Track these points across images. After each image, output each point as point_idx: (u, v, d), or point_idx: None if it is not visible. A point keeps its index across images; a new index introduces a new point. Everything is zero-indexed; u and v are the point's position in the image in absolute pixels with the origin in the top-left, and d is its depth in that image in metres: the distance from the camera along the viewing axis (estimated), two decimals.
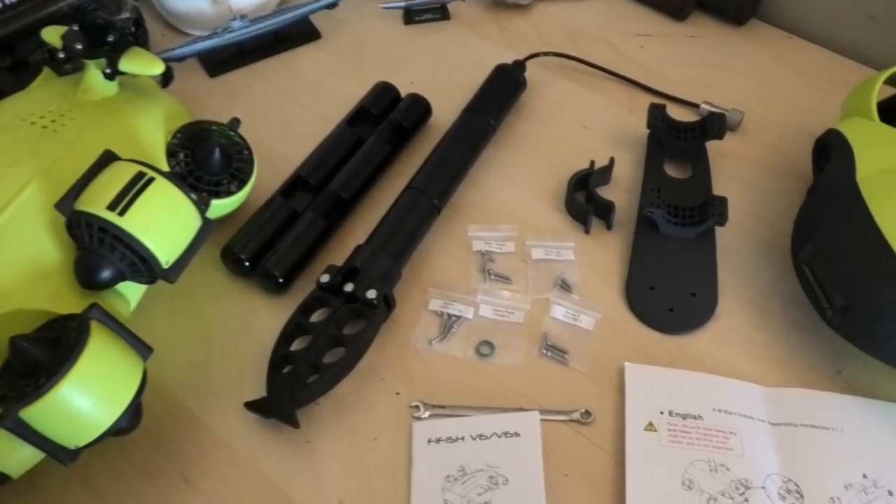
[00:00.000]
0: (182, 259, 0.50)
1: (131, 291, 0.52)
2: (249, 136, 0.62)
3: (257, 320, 0.58)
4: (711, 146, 0.68)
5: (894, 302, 0.49)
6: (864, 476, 0.51)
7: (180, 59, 0.70)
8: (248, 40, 0.74)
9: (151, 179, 0.48)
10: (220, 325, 0.58)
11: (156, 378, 0.55)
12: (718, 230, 0.63)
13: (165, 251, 0.48)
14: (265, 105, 0.72)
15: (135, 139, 0.55)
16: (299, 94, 0.73)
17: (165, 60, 0.69)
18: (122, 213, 0.46)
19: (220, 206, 0.58)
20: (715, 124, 0.65)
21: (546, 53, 0.74)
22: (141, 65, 0.55)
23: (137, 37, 0.54)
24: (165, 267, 0.49)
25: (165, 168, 0.55)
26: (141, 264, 0.48)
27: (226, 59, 0.74)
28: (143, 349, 0.48)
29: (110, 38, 0.54)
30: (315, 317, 0.57)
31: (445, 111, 0.70)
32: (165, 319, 0.58)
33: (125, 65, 0.55)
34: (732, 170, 0.68)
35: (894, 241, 0.50)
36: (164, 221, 0.48)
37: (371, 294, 0.55)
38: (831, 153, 0.59)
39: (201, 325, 0.58)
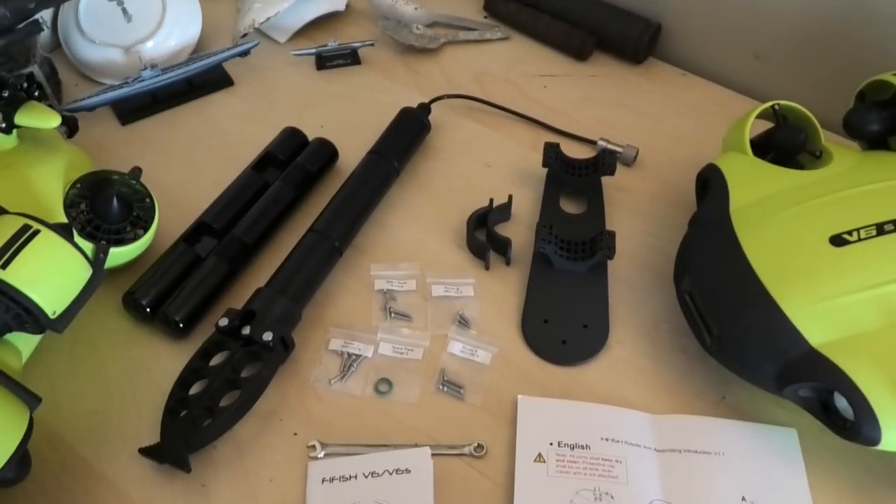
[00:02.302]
0: (70, 309, 0.50)
1: (22, 342, 0.53)
2: (159, 182, 0.63)
3: (159, 366, 0.59)
4: (609, 181, 0.71)
5: (761, 328, 0.52)
6: (743, 498, 0.53)
7: (91, 108, 0.72)
8: (161, 88, 0.75)
9: (37, 232, 0.49)
10: (120, 372, 0.59)
11: (52, 427, 0.55)
12: (612, 262, 0.65)
13: (51, 302, 0.49)
14: (176, 152, 0.74)
15: (30, 191, 0.56)
16: (210, 141, 0.75)
17: (75, 110, 0.72)
18: (4, 266, 0.47)
19: (120, 254, 0.59)
20: (606, 160, 0.68)
21: (450, 96, 0.76)
22: (36, 118, 0.57)
23: (30, 93, 0.56)
24: (52, 317, 0.49)
25: (62, 218, 0.56)
26: (27, 315, 0.49)
27: (138, 107, 0.75)
28: (30, 399, 0.48)
29: (5, 94, 0.56)
30: (215, 360, 0.58)
31: (354, 154, 0.72)
32: (64, 367, 0.59)
33: (21, 118, 0.56)
34: (628, 203, 0.71)
35: (761, 270, 0.53)
36: (50, 273, 0.49)
37: (267, 336, 0.56)
38: (709, 186, 0.62)
39: (101, 372, 0.59)
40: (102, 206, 0.58)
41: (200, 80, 0.78)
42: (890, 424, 0.48)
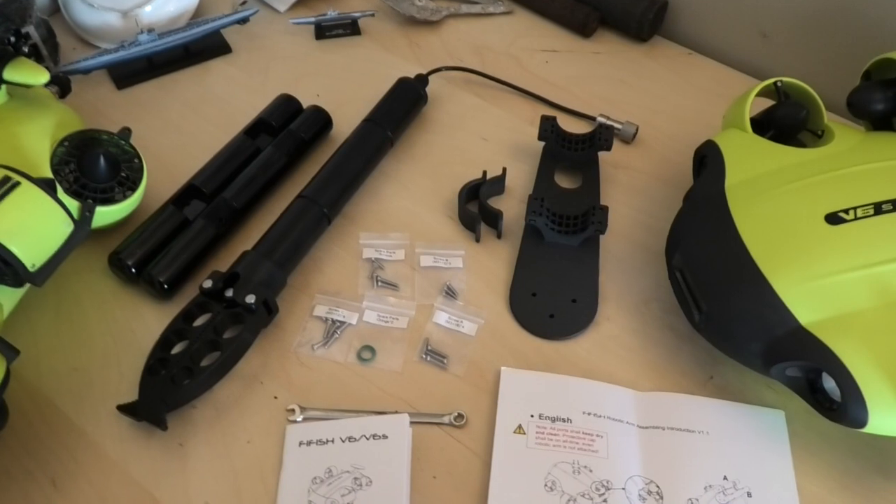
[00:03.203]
0: (50, 263, 0.50)
1: (5, 296, 0.53)
2: (152, 146, 0.63)
3: (142, 326, 0.59)
4: (607, 158, 0.70)
5: (750, 305, 0.51)
6: (725, 478, 0.52)
7: (86, 71, 0.72)
8: (158, 53, 0.75)
9: (17, 184, 0.49)
10: (103, 331, 0.59)
11: (33, 382, 0.55)
12: (605, 238, 0.64)
13: (30, 254, 0.49)
14: (171, 117, 0.73)
15: (17, 146, 0.55)
16: (205, 107, 0.74)
17: (70, 73, 0.71)
18: None
19: (107, 213, 0.59)
20: (603, 136, 0.67)
21: (449, 68, 0.75)
22: (25, 74, 0.56)
23: (18, 48, 0.55)
24: (32, 270, 0.49)
25: (48, 175, 0.56)
26: (5, 267, 0.49)
27: (134, 71, 0.75)
28: (8, 351, 0.48)
29: None
30: (198, 322, 0.57)
31: (349, 123, 0.71)
32: (48, 324, 0.59)
33: (9, 74, 0.56)
34: (624, 180, 0.69)
35: (753, 247, 0.52)
36: (29, 225, 0.49)
37: (250, 299, 0.56)
38: (706, 163, 0.60)
39: (85, 330, 0.59)
40: (89, 165, 0.58)
41: (198, 47, 0.77)
42: (877, 406, 0.46)
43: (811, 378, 0.51)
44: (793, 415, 0.55)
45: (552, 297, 0.61)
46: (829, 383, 0.50)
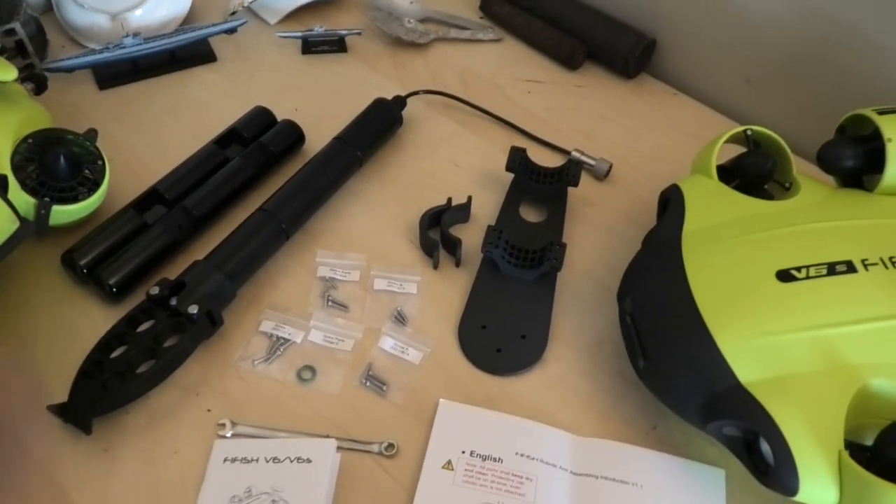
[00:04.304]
0: None
1: None
2: (125, 149, 0.63)
3: (88, 328, 0.59)
4: (578, 194, 0.69)
5: (690, 357, 0.50)
6: None
7: (69, 69, 0.72)
8: (143, 57, 0.76)
9: None
10: (49, 329, 0.59)
11: None
12: (564, 275, 0.63)
13: None
14: (148, 121, 0.74)
15: None
16: (184, 113, 0.75)
17: (54, 70, 0.72)
18: None
19: (65, 212, 0.59)
20: (571, 171, 0.66)
21: (428, 91, 0.75)
22: None
23: None
24: None
25: (6, 171, 0.56)
26: None
27: (117, 73, 0.76)
28: None
29: None
30: (143, 328, 0.57)
31: (324, 139, 0.71)
32: None
33: None
34: (593, 216, 0.68)
35: (700, 297, 0.51)
36: None
37: (193, 309, 0.55)
38: (669, 206, 0.59)
39: (30, 326, 0.59)
40: (50, 163, 0.58)
41: (184, 53, 0.78)
42: (809, 474, 0.45)
43: (749, 438, 0.49)
44: (734, 474, 0.53)
45: (502, 331, 0.60)
46: (766, 446, 0.48)
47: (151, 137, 0.72)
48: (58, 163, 0.58)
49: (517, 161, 0.67)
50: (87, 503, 0.50)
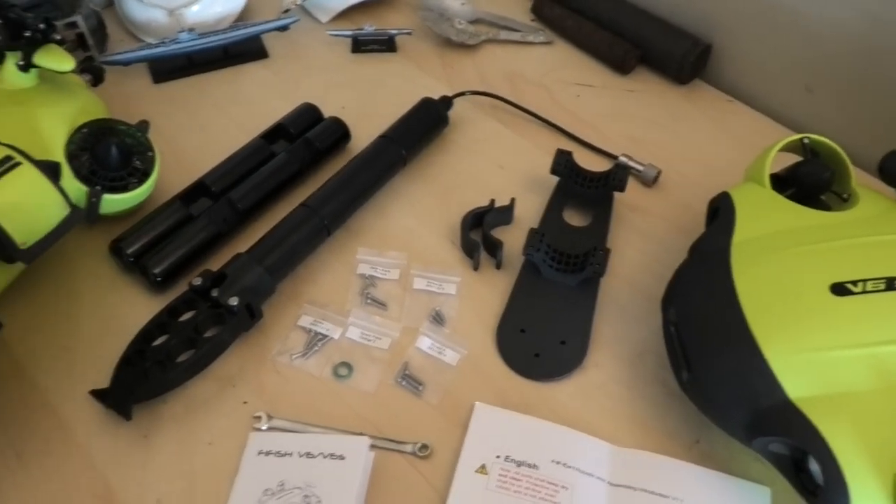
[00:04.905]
0: (41, 243, 0.52)
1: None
2: (174, 142, 0.64)
3: (133, 315, 0.59)
4: (623, 199, 0.68)
5: (737, 370, 0.48)
6: None
7: (126, 63, 0.74)
8: (198, 53, 0.77)
9: (17, 164, 0.50)
10: (95, 315, 0.60)
11: (18, 356, 0.57)
12: (607, 282, 0.62)
13: (21, 233, 0.50)
14: (199, 115, 0.75)
15: (34, 128, 0.58)
16: (234, 109, 0.76)
17: (111, 63, 0.74)
18: None
19: (115, 201, 0.60)
20: (618, 176, 0.65)
21: (474, 92, 0.75)
22: (51, 60, 0.58)
23: (46, 35, 0.58)
24: (22, 248, 0.51)
25: (60, 158, 0.58)
26: None
27: (172, 68, 0.77)
28: None
29: (27, 34, 0.58)
30: (184, 318, 0.58)
31: (369, 137, 0.71)
32: (47, 303, 0.60)
33: (39, 59, 0.58)
34: (638, 223, 0.67)
35: (748, 309, 0.49)
36: (24, 205, 0.50)
37: (233, 301, 0.56)
38: (718, 215, 0.57)
39: (77, 312, 0.60)
40: (102, 153, 0.59)
41: (237, 49, 0.79)
42: (861, 496, 0.42)
43: (798, 457, 0.47)
44: (779, 493, 0.51)
45: (541, 335, 0.59)
46: (815, 465, 0.46)
47: (200, 131, 0.74)
48: (109, 152, 0.59)
49: (563, 164, 0.66)
50: (122, 488, 0.51)
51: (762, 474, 0.52)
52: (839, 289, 0.48)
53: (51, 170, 0.52)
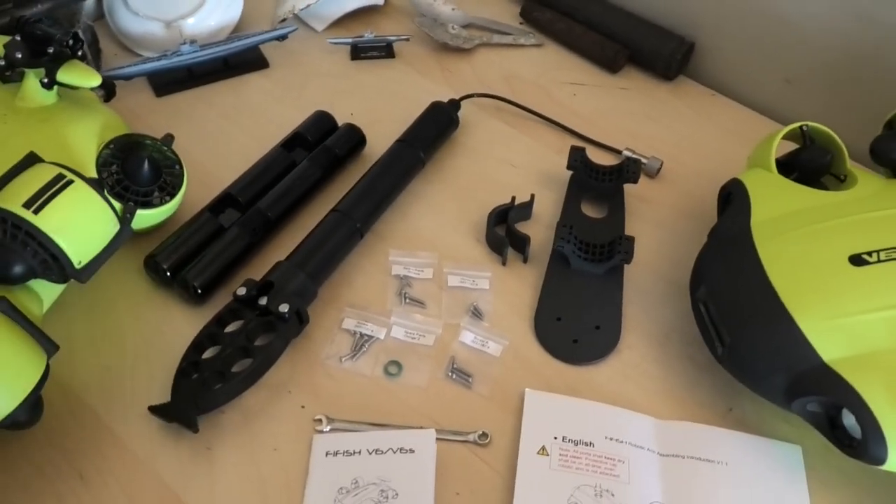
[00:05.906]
0: (95, 261, 0.51)
1: (46, 290, 0.54)
2: (187, 154, 0.64)
3: (174, 329, 0.60)
4: (630, 190, 0.72)
5: (774, 340, 0.52)
6: None
7: (127, 77, 0.73)
8: (198, 65, 0.77)
9: (70, 182, 0.50)
10: (136, 332, 0.59)
11: (65, 378, 0.56)
12: (628, 269, 0.66)
13: (78, 251, 0.50)
14: (207, 126, 0.75)
15: (65, 145, 0.57)
16: (241, 119, 0.76)
17: (113, 78, 0.73)
18: (36, 212, 0.48)
19: (146, 217, 0.60)
20: (630, 168, 0.69)
21: (481, 95, 0.77)
22: (77, 77, 0.58)
23: (75, 51, 0.57)
24: (77, 267, 0.50)
25: (93, 174, 0.57)
26: (53, 262, 0.50)
27: (173, 80, 0.77)
28: (48, 345, 0.49)
29: (50, 50, 0.57)
30: (230, 328, 0.58)
31: (381, 143, 0.72)
32: (84, 322, 0.60)
33: (63, 76, 0.58)
34: (648, 213, 0.71)
35: (778, 284, 0.54)
36: (79, 223, 0.50)
37: (283, 308, 0.57)
38: (732, 200, 0.62)
39: (118, 330, 0.59)
40: (133, 168, 0.59)
41: (237, 60, 0.79)
42: None
43: (831, 414, 0.52)
44: (810, 450, 0.56)
45: (576, 322, 0.62)
46: (848, 420, 0.51)
47: (211, 142, 0.73)
48: (141, 168, 0.59)
49: (578, 160, 0.70)
50: (192, 499, 0.51)
51: (791, 434, 0.57)
52: (857, 259, 0.53)
53: (99, 186, 0.52)
